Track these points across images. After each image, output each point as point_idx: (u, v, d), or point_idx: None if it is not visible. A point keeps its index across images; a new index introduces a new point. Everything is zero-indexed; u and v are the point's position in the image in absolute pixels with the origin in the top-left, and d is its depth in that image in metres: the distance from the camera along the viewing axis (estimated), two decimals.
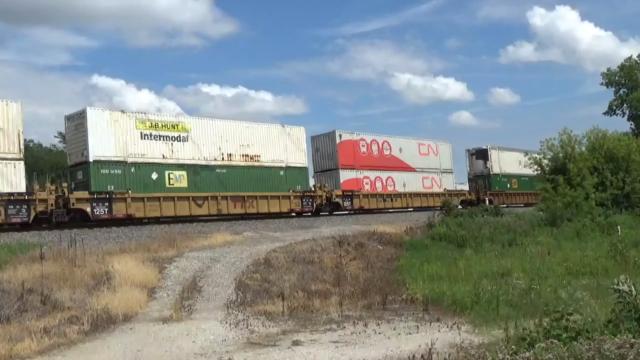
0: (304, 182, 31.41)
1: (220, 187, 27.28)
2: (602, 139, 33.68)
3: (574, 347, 4.96)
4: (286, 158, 30.49)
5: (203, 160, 26.98)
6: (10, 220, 20.77)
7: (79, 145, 23.98)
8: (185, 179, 26.22)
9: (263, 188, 28.93)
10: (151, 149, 25.24)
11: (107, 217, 23.39)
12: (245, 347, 9.08)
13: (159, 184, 25.25)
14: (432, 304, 11.89)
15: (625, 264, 15.15)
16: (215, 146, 27.52)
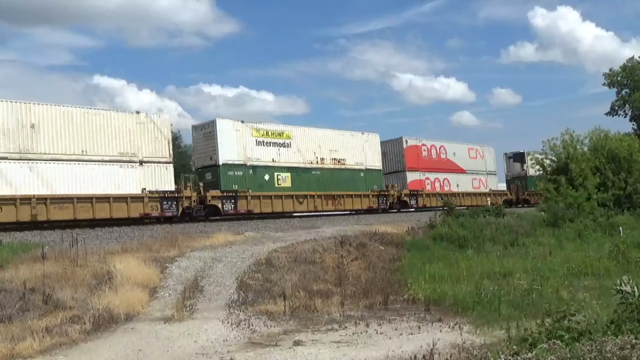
0: (379, 182, 35.58)
1: (316, 187, 31.53)
2: (604, 139, 33.67)
3: (576, 348, 4.95)
4: (365, 161, 34.73)
5: (303, 163, 31.30)
6: (164, 214, 24.76)
7: (208, 150, 28.23)
8: (289, 179, 30.56)
9: (348, 188, 33.32)
10: (264, 154, 29.59)
11: (233, 212, 27.68)
12: (247, 347, 9.09)
13: (270, 184, 29.57)
14: (434, 304, 11.89)
15: (627, 264, 15.15)
16: (312, 151, 31.82)
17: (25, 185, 21.30)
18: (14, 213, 20.71)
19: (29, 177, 21.50)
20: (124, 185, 23.85)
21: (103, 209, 22.86)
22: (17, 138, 21.40)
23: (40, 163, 21.89)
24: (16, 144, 21.39)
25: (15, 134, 21.44)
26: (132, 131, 24.53)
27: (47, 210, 21.50)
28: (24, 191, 21.19)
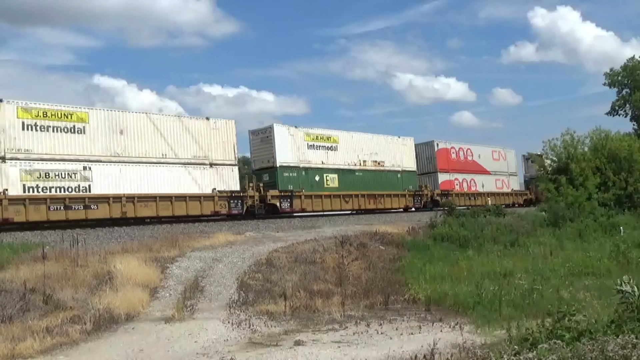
0: (414, 183, 37.95)
1: (359, 187, 33.88)
2: (604, 139, 33.66)
3: (577, 348, 4.95)
4: (402, 163, 37.15)
5: (347, 165, 33.73)
6: (231, 212, 27.19)
7: (265, 153, 30.60)
8: (336, 180, 32.97)
9: (387, 188, 35.56)
10: (314, 157, 32.02)
11: (289, 210, 29.98)
12: (248, 347, 9.09)
13: (320, 185, 31.98)
14: (434, 304, 11.89)
15: (628, 264, 15.13)
16: (355, 154, 34.24)
17: (115, 185, 23.68)
18: (107, 210, 23.12)
19: (118, 178, 23.89)
20: (197, 186, 26.43)
21: (180, 207, 25.34)
22: (109, 142, 23.83)
23: (127, 165, 24.23)
24: (108, 148, 23.78)
25: (108, 139, 23.83)
26: (204, 136, 26.97)
27: (135, 208, 23.92)
28: (115, 191, 23.50)
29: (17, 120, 21.75)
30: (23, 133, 21.78)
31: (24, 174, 21.65)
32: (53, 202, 21.83)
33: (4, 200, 20.70)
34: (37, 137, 22.13)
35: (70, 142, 22.91)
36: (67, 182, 22.53)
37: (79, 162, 22.89)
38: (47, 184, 22.10)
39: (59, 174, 22.45)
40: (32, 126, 22.16)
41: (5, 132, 21.23)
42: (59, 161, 22.45)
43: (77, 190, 22.72)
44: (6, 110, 21.48)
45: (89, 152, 23.21)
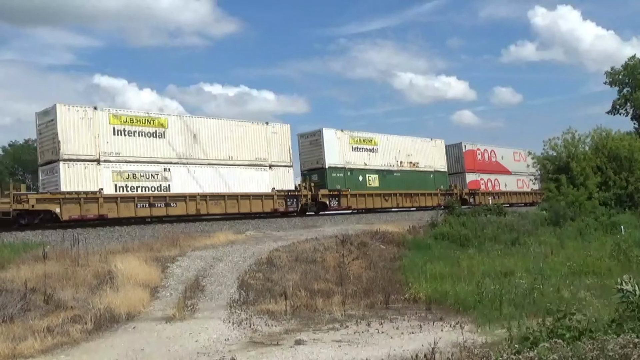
0: (445, 182, 40.12)
1: (397, 186, 36.23)
2: (605, 138, 33.62)
3: (578, 347, 4.94)
4: (434, 164, 39.47)
5: (387, 166, 36.04)
6: (288, 209, 29.53)
7: (314, 155, 32.93)
8: (377, 180, 35.28)
9: (421, 187, 37.91)
10: (358, 158, 34.41)
11: (337, 208, 32.39)
12: (248, 346, 9.09)
13: (363, 184, 34.30)
14: (435, 304, 11.89)
15: (629, 263, 15.12)
16: (393, 156, 36.62)
17: (190, 185, 26.08)
18: (184, 208, 25.53)
19: (192, 178, 26.29)
20: (258, 186, 28.80)
21: (245, 205, 27.69)
22: (184, 146, 26.31)
23: (200, 167, 26.64)
24: (184, 151, 26.24)
25: (184, 142, 26.31)
26: (264, 140, 29.40)
27: (207, 206, 26.28)
28: (189, 190, 25.88)
29: (109, 126, 24.03)
30: (114, 138, 24.11)
31: (115, 174, 24.04)
32: (140, 200, 24.38)
33: (100, 199, 23.19)
34: (125, 141, 24.48)
35: (152, 146, 25.34)
36: (150, 182, 25.04)
37: (160, 164, 25.34)
38: (134, 183, 24.56)
39: (144, 174, 24.94)
40: (121, 131, 24.46)
41: (99, 137, 23.59)
42: (143, 163, 24.89)
43: (159, 189, 25.23)
44: (100, 117, 23.82)
45: (168, 154, 25.67)
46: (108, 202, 23.39)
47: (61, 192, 22.47)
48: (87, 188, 23.08)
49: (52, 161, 23.23)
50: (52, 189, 22.89)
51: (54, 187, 22.91)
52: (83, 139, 23.36)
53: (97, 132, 23.64)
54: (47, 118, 23.71)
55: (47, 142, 23.57)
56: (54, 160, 23.05)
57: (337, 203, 32.49)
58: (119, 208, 23.66)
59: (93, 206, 23.08)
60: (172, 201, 25.27)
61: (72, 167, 23.04)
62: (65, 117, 23.13)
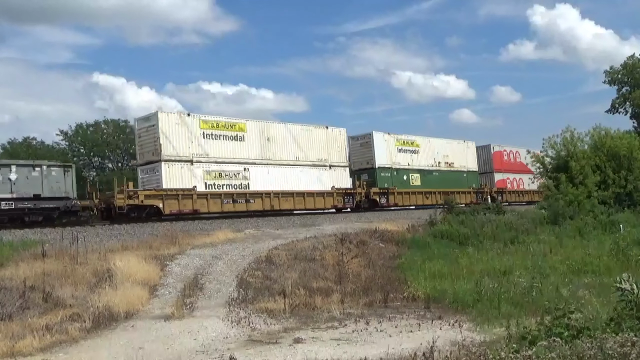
0: (476, 181, 43.71)
1: (435, 185, 39.70)
2: (604, 137, 33.58)
3: (576, 346, 4.94)
4: (466, 164, 43.11)
5: (427, 166, 39.90)
6: (345, 206, 33.42)
7: (364, 156, 36.64)
8: (419, 179, 39.10)
9: (456, 186, 41.20)
10: (402, 159, 38.03)
11: (385, 205, 35.79)
12: (247, 345, 9.09)
13: (406, 183, 37.93)
14: (434, 302, 11.89)
15: (628, 262, 15.10)
16: (432, 157, 40.37)
17: (265, 183, 29.62)
18: (261, 204, 29.20)
19: (266, 177, 29.84)
20: (321, 184, 32.43)
21: (310, 202, 31.38)
22: (261, 148, 29.90)
23: (272, 167, 30.20)
24: (260, 152, 29.88)
25: (260, 145, 29.88)
26: (325, 142, 33.16)
27: (279, 202, 29.87)
28: (264, 188, 29.52)
29: (199, 131, 27.53)
30: (203, 141, 27.59)
31: (205, 173, 27.44)
32: (226, 196, 27.90)
33: (194, 195, 26.49)
34: (213, 144, 27.94)
35: (234, 148, 28.84)
36: (233, 181, 28.56)
37: (240, 164, 28.89)
38: (220, 182, 28.05)
39: (228, 173, 28.39)
40: (209, 135, 27.92)
41: (192, 141, 27.06)
42: (227, 163, 28.41)
43: (240, 187, 28.77)
44: (192, 123, 27.29)
45: (247, 156, 29.23)
46: (200, 198, 26.71)
47: (163, 189, 25.67)
48: (183, 186, 26.34)
49: (153, 161, 26.45)
50: (152, 187, 26.05)
51: (155, 185, 26.09)
52: (179, 142, 26.68)
53: (190, 136, 27.07)
54: (147, 123, 26.93)
55: (148, 144, 26.73)
56: (155, 160, 26.28)
57: (386, 200, 35.86)
58: (209, 204, 27.05)
59: (188, 202, 26.29)
60: (251, 198, 28.87)
61: (171, 167, 26.34)
62: (165, 123, 26.29)
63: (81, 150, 55.07)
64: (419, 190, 38.40)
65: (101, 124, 56.32)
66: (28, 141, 54.93)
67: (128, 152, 56.09)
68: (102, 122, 56.61)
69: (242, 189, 28.72)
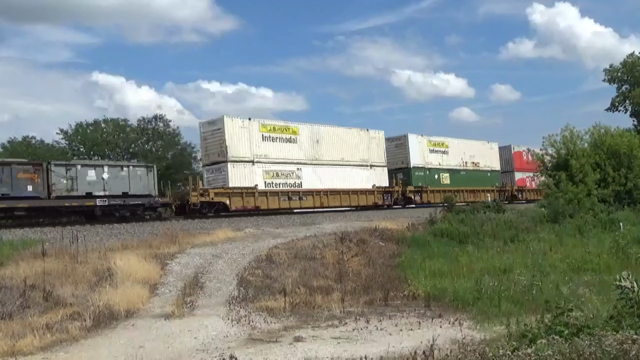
0: (499, 180, 46.34)
1: (463, 184, 42.49)
2: (604, 135, 33.55)
3: (576, 343, 4.94)
4: (491, 164, 45.75)
5: (455, 166, 42.78)
6: (384, 203, 36.06)
7: (400, 156, 39.49)
8: (448, 178, 42.04)
9: (481, 184, 43.65)
10: (434, 159, 41.12)
11: (419, 202, 38.30)
12: (247, 343, 9.09)
13: (437, 182, 40.75)
14: (434, 300, 11.89)
15: (628, 260, 15.10)
16: (459, 157, 43.18)
17: (315, 182, 32.47)
18: (312, 201, 32.07)
19: (315, 177, 32.60)
20: (363, 183, 35.24)
21: (354, 199, 34.14)
22: (311, 149, 32.70)
23: (321, 167, 33.04)
24: (311, 153, 32.66)
25: (310, 147, 32.68)
26: (366, 143, 36.03)
27: (328, 199, 32.68)
28: (314, 187, 32.32)
29: (259, 134, 30.28)
30: (262, 143, 30.29)
31: (264, 173, 30.13)
32: (282, 194, 30.77)
33: (255, 193, 29.30)
34: (270, 146, 30.64)
35: (288, 149, 31.62)
36: (287, 180, 31.28)
37: (294, 164, 31.64)
38: (277, 180, 30.74)
39: (283, 173, 31.09)
40: (267, 138, 30.71)
41: (253, 143, 29.81)
42: (282, 164, 31.12)
43: (294, 185, 31.52)
44: (253, 126, 30.11)
45: (299, 156, 32.01)
46: (261, 195, 29.53)
47: (230, 187, 28.36)
48: (245, 184, 29.04)
49: (219, 162, 29.06)
50: (218, 185, 28.57)
51: (221, 183, 28.63)
52: (242, 144, 29.40)
53: (251, 139, 29.81)
54: (213, 127, 29.61)
55: (214, 146, 29.35)
56: (221, 161, 28.90)
57: (420, 198, 38.66)
58: (268, 201, 29.83)
59: (251, 199, 29.04)
60: (304, 195, 31.63)
61: (235, 167, 28.95)
62: (230, 127, 28.94)
63: (81, 149, 55.07)
64: (448, 189, 40.82)
65: (101, 123, 56.34)
66: (27, 140, 54.93)
67: (128, 151, 56.14)
68: (102, 121, 56.66)
69: (296, 187, 31.56)
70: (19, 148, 51.10)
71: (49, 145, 53.60)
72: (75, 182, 23.92)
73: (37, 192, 22.76)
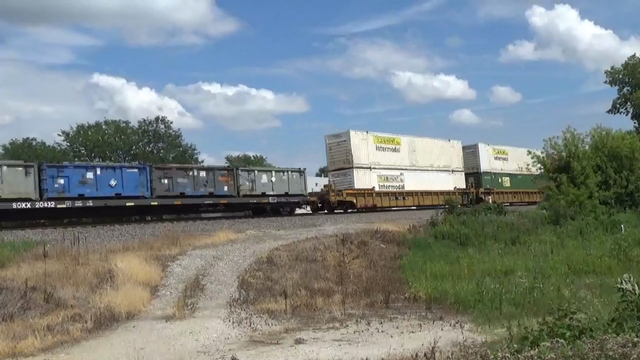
0: None
1: (519, 186, 48.57)
2: (605, 137, 33.54)
3: (578, 346, 4.94)
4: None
5: (513, 171, 49.11)
6: (463, 202, 39.46)
7: (472, 162, 46.29)
8: (509, 181, 48.99)
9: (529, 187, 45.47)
10: (497, 165, 48.32)
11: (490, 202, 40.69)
12: (248, 345, 9.09)
13: (500, 184, 47.81)
14: (435, 303, 11.88)
15: (629, 262, 15.10)
16: (516, 162, 48.64)
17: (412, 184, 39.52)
18: (412, 201, 39.06)
19: (413, 180, 39.83)
20: (447, 185, 42.31)
21: (441, 199, 38.10)
22: (409, 157, 40.10)
23: (416, 172, 40.10)
24: (409, 160, 40.07)
25: (409, 155, 40.10)
26: (447, 151, 43.43)
27: (423, 199, 39.49)
28: (412, 188, 39.68)
29: (373, 145, 37.42)
30: (376, 152, 37.41)
31: (378, 177, 37.22)
32: (391, 195, 38.10)
33: (373, 194, 36.45)
34: (381, 155, 37.76)
35: (393, 158, 38.86)
36: (393, 182, 38.55)
37: (397, 170, 38.88)
38: (387, 183, 37.96)
39: (390, 177, 38.31)
40: (379, 148, 37.81)
41: (370, 152, 36.84)
42: (390, 169, 38.30)
43: (398, 188, 38.82)
44: (369, 138, 37.26)
45: (402, 163, 39.30)
46: (377, 196, 36.74)
47: (356, 189, 35.31)
48: (365, 187, 35.99)
49: (344, 168, 36.14)
50: (342, 187, 35.29)
51: (347, 186, 35.38)
52: (362, 153, 36.42)
53: (368, 148, 36.85)
54: (338, 139, 36.91)
55: (339, 155, 36.54)
56: (346, 167, 35.96)
57: (489, 198, 43.28)
58: (382, 200, 36.93)
59: (369, 199, 35.98)
60: (406, 196, 38.85)
61: (358, 172, 35.81)
62: (354, 139, 36.05)
63: (82, 150, 55.15)
64: (509, 191, 47.96)
65: (102, 125, 56.42)
66: (28, 142, 54.99)
67: (129, 153, 56.19)
68: (103, 123, 56.74)
69: (400, 189, 38.83)
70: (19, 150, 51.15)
71: (50, 147, 53.67)
72: (254, 184, 31.23)
73: (230, 191, 30.20)
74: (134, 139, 56.74)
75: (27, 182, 22.89)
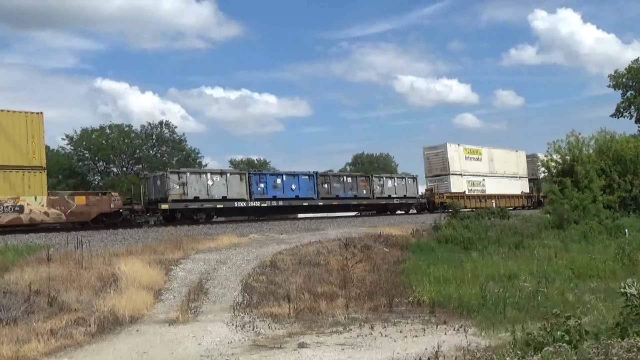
0: None
1: None
2: (609, 141, 33.49)
3: (582, 351, 4.92)
4: None
5: None
6: (527, 205, 48.15)
7: (532, 170, 50.46)
8: None
9: None
10: None
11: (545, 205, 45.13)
12: (251, 350, 9.08)
13: None
14: (439, 307, 11.84)
15: (633, 266, 15.07)
16: None
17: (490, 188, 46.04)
18: (492, 203, 41.57)
19: (492, 185, 46.38)
20: (515, 189, 48.80)
21: (511, 202, 46.35)
22: (489, 165, 46.92)
23: (492, 178, 46.63)
24: (489, 168, 46.86)
25: (488, 163, 46.89)
26: (515, 161, 49.68)
27: (499, 202, 42.96)
28: (491, 192, 45.74)
29: (463, 155, 44.61)
30: (465, 161, 44.59)
31: (467, 183, 44.15)
32: (476, 198, 43.84)
33: (464, 197, 42.77)
34: (468, 163, 44.85)
35: (477, 166, 45.72)
36: (477, 187, 45.27)
37: (480, 176, 45.72)
38: (472, 187, 44.70)
39: (475, 182, 45.09)
40: (467, 157, 44.97)
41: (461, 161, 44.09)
42: (474, 176, 45.10)
43: (481, 192, 45.28)
44: (460, 149, 44.39)
45: (483, 170, 46.19)
46: (467, 198, 42.67)
47: (451, 192, 41.84)
48: (458, 190, 42.71)
49: (441, 174, 43.19)
50: (440, 192, 41.84)
51: (444, 190, 42.04)
52: (455, 162, 43.40)
53: (459, 158, 43.92)
54: (435, 150, 44.12)
55: (436, 164, 43.64)
56: (443, 174, 43.04)
57: None
58: (470, 202, 42.26)
59: (462, 201, 40.72)
60: (487, 199, 43.92)
61: (453, 178, 42.84)
62: (450, 150, 43.15)
63: (86, 154, 55.25)
64: None
65: (106, 129, 56.53)
66: None
67: (132, 157, 56.28)
68: (107, 127, 56.85)
69: (482, 193, 45.17)
70: None
71: (54, 151, 53.77)
72: (383, 188, 37.73)
73: (367, 194, 36.64)
74: (138, 143, 56.81)
75: (241, 186, 29.63)
